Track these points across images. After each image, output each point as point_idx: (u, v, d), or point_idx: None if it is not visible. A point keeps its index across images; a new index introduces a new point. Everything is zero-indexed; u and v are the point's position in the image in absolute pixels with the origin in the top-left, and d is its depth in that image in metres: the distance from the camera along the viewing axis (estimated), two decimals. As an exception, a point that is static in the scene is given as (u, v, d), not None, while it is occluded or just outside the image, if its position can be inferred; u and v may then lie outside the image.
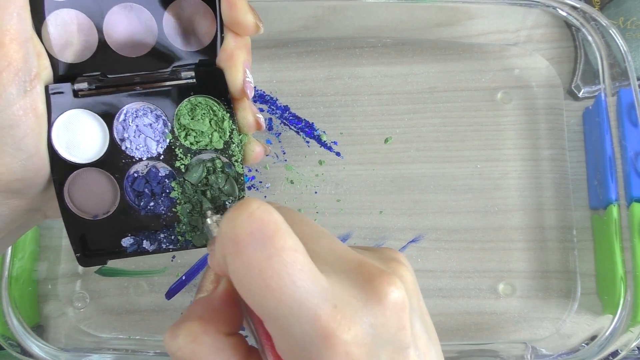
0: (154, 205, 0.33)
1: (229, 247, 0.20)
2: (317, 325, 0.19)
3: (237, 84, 0.31)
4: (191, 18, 0.31)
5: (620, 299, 0.41)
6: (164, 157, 0.32)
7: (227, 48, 0.31)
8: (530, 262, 0.46)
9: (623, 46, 0.44)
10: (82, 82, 0.30)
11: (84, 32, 0.30)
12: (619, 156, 0.43)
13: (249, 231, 0.20)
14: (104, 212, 0.33)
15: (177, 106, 0.31)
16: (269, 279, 0.19)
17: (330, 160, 0.48)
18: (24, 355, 0.40)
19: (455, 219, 0.47)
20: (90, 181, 0.32)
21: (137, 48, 0.31)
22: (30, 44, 0.27)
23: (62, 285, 0.45)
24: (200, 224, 0.33)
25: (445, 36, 0.50)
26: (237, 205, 0.20)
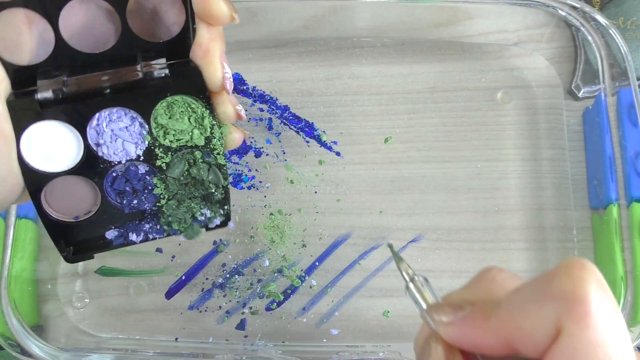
0: (138, 202, 0.32)
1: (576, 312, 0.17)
2: None
3: (217, 80, 0.29)
4: (156, 7, 0.28)
5: (621, 299, 0.41)
6: (144, 158, 0.31)
7: (201, 42, 0.28)
8: (530, 262, 0.46)
9: (623, 46, 0.44)
10: (46, 91, 0.27)
11: (38, 30, 0.27)
12: (619, 156, 0.43)
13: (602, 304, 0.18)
14: (85, 213, 0.32)
15: (152, 106, 0.29)
16: None
17: (330, 160, 0.48)
18: (23, 355, 0.40)
19: (455, 219, 0.47)
20: (68, 186, 0.30)
21: (100, 43, 0.28)
22: None
23: (62, 285, 0.45)
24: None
25: (445, 36, 0.50)
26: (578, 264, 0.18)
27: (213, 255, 0.46)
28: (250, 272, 0.46)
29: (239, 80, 0.49)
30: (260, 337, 0.45)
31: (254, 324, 0.45)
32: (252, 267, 0.46)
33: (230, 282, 0.45)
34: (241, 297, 0.45)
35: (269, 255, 0.46)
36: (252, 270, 0.46)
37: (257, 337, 0.45)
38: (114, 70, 0.28)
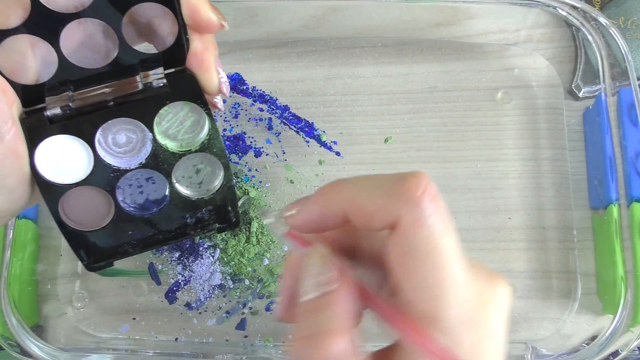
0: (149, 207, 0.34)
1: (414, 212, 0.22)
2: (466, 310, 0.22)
3: (213, 86, 0.31)
4: (150, 22, 0.30)
5: (621, 299, 0.41)
6: (151, 164, 0.32)
7: (195, 52, 0.30)
8: (530, 262, 0.46)
9: (623, 46, 0.44)
10: (54, 107, 0.29)
11: (41, 52, 0.29)
12: (619, 156, 0.43)
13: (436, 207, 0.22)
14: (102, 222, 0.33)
15: (154, 114, 0.31)
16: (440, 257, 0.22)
17: (330, 160, 0.48)
18: (23, 355, 0.40)
19: (455, 219, 0.47)
20: (83, 197, 0.32)
21: (100, 58, 0.30)
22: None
23: (62, 285, 0.45)
24: None
25: (445, 36, 0.50)
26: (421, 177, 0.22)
27: (213, 255, 0.46)
28: (250, 272, 0.46)
29: (239, 80, 0.49)
30: (260, 337, 0.45)
31: (254, 324, 0.45)
32: (252, 267, 0.46)
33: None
34: (241, 298, 0.45)
35: (269, 255, 0.46)
36: (252, 271, 0.46)
37: (257, 337, 0.45)
38: (115, 82, 0.30)
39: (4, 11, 0.26)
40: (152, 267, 0.45)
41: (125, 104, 0.30)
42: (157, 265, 0.46)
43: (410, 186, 0.22)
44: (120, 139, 0.31)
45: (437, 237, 0.21)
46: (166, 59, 0.30)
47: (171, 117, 0.32)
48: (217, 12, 0.29)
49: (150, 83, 0.30)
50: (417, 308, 0.22)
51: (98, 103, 0.30)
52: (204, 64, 0.30)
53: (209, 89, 0.31)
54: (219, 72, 0.31)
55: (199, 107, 0.31)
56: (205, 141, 0.33)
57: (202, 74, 0.30)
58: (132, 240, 0.35)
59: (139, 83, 0.30)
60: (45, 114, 0.29)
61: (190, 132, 0.33)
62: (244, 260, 0.45)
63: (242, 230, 0.45)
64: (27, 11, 0.27)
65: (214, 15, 0.29)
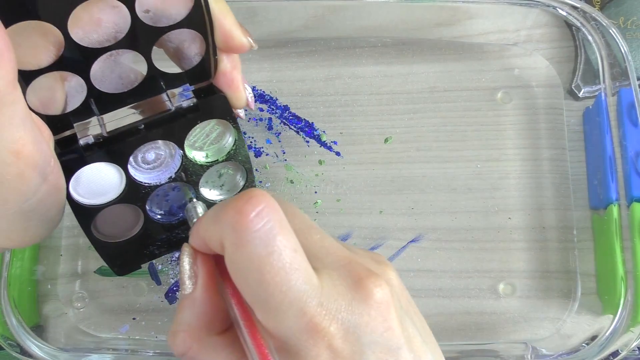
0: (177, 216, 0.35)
1: (231, 237, 0.21)
2: (302, 320, 0.21)
3: (242, 104, 0.31)
4: (179, 46, 0.30)
5: (621, 299, 0.41)
6: (180, 177, 0.33)
7: (225, 72, 0.30)
8: (530, 262, 0.46)
9: (623, 46, 0.44)
10: (88, 137, 0.28)
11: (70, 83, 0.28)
12: (619, 156, 0.43)
13: (255, 228, 0.21)
14: (131, 232, 0.34)
15: (185, 134, 0.31)
16: (266, 274, 0.21)
17: (330, 160, 0.48)
18: (23, 355, 0.40)
19: (455, 219, 0.47)
20: (113, 213, 0.32)
21: (128, 83, 0.30)
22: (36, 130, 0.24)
23: (62, 285, 0.45)
24: None
25: (445, 36, 0.50)
26: (244, 197, 0.22)
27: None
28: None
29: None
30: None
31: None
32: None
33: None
34: (241, 297, 0.45)
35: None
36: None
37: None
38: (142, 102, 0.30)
39: (36, 50, 0.25)
40: (152, 267, 0.45)
41: (156, 127, 0.30)
42: (157, 265, 0.46)
43: (228, 211, 0.22)
44: (149, 157, 0.32)
45: (259, 255, 0.21)
46: (191, 75, 0.30)
47: (198, 132, 0.33)
48: (247, 34, 0.30)
49: (181, 104, 0.30)
50: (260, 323, 0.22)
51: (130, 128, 0.29)
52: (234, 84, 0.30)
53: (238, 105, 0.31)
54: (246, 88, 0.31)
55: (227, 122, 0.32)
56: (232, 151, 0.34)
57: (232, 93, 0.31)
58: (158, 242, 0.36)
59: (167, 102, 0.30)
60: (79, 144, 0.28)
61: (216, 142, 0.34)
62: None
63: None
64: (59, 49, 0.26)
65: (246, 39, 0.29)
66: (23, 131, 0.22)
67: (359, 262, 0.24)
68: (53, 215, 0.28)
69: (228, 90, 0.31)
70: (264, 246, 0.21)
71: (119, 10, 0.26)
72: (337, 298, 0.22)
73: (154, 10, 0.27)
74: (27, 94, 0.26)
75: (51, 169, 0.25)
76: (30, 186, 0.24)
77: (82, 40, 0.26)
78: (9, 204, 0.24)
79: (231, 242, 0.22)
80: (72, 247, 0.46)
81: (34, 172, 0.24)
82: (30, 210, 0.25)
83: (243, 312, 0.23)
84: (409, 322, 0.24)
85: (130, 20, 0.26)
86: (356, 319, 0.22)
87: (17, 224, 0.25)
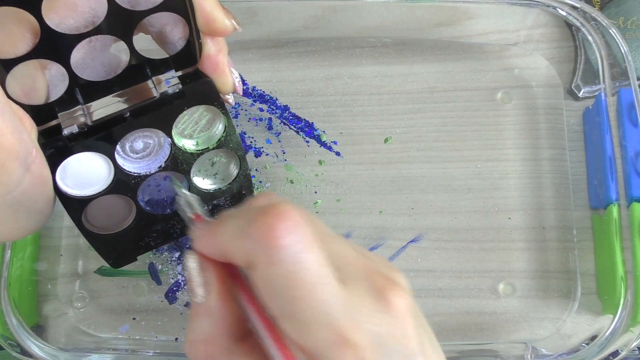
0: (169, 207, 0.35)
1: (264, 255, 0.22)
2: (331, 332, 0.21)
3: (229, 88, 0.31)
4: (161, 30, 0.29)
5: (621, 299, 0.41)
6: (170, 166, 0.32)
7: (209, 55, 0.30)
8: (530, 262, 0.46)
9: (623, 46, 0.44)
10: (72, 127, 0.28)
11: (50, 72, 0.28)
12: (619, 156, 0.43)
13: (286, 245, 0.21)
14: (124, 224, 0.34)
15: (172, 121, 0.30)
16: (296, 289, 0.21)
17: (330, 160, 0.48)
18: (23, 355, 0.40)
19: (455, 219, 0.47)
20: (105, 203, 0.32)
21: (111, 70, 0.29)
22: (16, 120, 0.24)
23: (62, 285, 0.45)
24: None
25: (445, 36, 0.50)
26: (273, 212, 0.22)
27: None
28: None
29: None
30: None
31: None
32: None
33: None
34: (241, 297, 0.45)
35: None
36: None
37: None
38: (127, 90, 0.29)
39: (12, 38, 0.25)
40: (152, 267, 0.45)
41: (142, 115, 0.29)
42: (157, 265, 0.46)
43: (258, 227, 0.22)
44: (137, 146, 0.31)
45: (290, 272, 0.21)
46: (176, 60, 0.30)
47: (187, 119, 0.32)
48: (230, 15, 0.29)
49: (166, 91, 0.29)
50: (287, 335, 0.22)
51: (115, 117, 0.29)
52: (219, 67, 0.30)
53: (225, 90, 0.31)
54: (233, 72, 0.31)
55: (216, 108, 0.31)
56: (222, 138, 0.33)
57: (218, 77, 0.30)
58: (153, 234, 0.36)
59: (153, 89, 0.29)
60: (63, 134, 0.28)
61: (206, 129, 0.33)
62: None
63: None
64: (36, 36, 0.25)
65: (228, 21, 0.29)
66: (1, 122, 0.22)
67: (378, 271, 0.24)
68: (41, 207, 0.28)
69: (214, 75, 0.30)
70: (294, 262, 0.21)
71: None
72: (362, 309, 0.22)
73: None
74: (7, 83, 0.25)
75: (33, 158, 0.25)
76: (12, 177, 0.24)
77: (58, 27, 0.25)
78: None
79: (264, 260, 0.22)
80: (72, 247, 0.46)
81: (15, 163, 0.24)
82: (15, 203, 0.25)
83: (264, 320, 0.23)
84: (422, 330, 0.25)
85: (107, 4, 0.25)
86: (380, 329, 0.22)
87: (4, 216, 0.25)
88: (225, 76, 0.30)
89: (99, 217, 0.33)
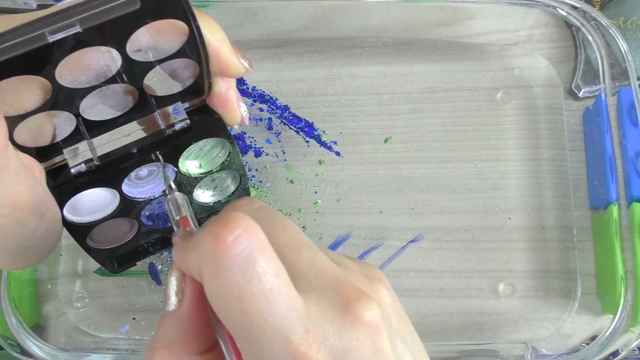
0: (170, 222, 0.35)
1: (209, 265, 0.20)
2: (288, 349, 0.20)
3: (237, 121, 0.31)
4: (173, 73, 0.29)
5: (621, 299, 0.41)
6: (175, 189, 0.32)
7: (220, 93, 0.29)
8: (530, 262, 0.46)
9: (623, 46, 0.44)
10: (79, 166, 0.28)
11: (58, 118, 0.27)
12: (619, 156, 0.43)
13: (233, 254, 0.20)
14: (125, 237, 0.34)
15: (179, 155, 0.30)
16: (246, 302, 0.20)
17: (330, 160, 0.48)
18: (23, 355, 0.40)
19: (455, 219, 0.47)
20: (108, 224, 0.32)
21: (120, 109, 0.29)
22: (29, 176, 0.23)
23: (62, 285, 0.45)
24: None
25: (445, 36, 0.50)
26: (220, 222, 0.20)
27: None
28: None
29: (239, 81, 0.49)
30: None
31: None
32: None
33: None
34: (241, 297, 0.45)
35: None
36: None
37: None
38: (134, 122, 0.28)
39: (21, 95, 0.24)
40: (152, 267, 0.45)
41: (149, 150, 0.29)
42: (157, 265, 0.46)
43: (204, 238, 0.20)
44: (142, 173, 0.31)
45: (239, 283, 0.20)
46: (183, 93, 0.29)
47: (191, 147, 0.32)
48: (242, 56, 0.28)
49: (174, 126, 0.29)
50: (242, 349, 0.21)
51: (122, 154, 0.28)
52: (229, 104, 0.29)
53: (233, 124, 0.31)
54: (241, 106, 0.30)
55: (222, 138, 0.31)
56: (226, 162, 0.34)
57: (227, 114, 0.30)
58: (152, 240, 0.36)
59: (159, 122, 0.29)
60: (71, 173, 0.27)
61: (210, 154, 0.33)
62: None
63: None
64: (46, 92, 0.24)
65: (241, 65, 0.28)
66: (17, 184, 0.22)
67: (349, 282, 0.22)
68: (53, 242, 0.28)
69: (223, 112, 0.30)
70: (243, 273, 0.20)
71: (109, 54, 0.24)
72: (325, 323, 0.21)
73: (147, 49, 0.26)
74: (14, 132, 0.25)
75: (47, 207, 0.25)
76: (29, 228, 0.24)
77: (70, 84, 0.25)
78: (9, 246, 0.24)
79: (209, 270, 0.20)
80: (72, 247, 0.46)
81: (31, 216, 0.24)
82: (31, 247, 0.26)
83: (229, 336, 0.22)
84: (399, 341, 0.23)
85: (121, 60, 0.25)
86: (345, 345, 0.21)
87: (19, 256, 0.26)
88: (234, 112, 0.30)
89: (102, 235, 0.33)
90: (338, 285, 0.22)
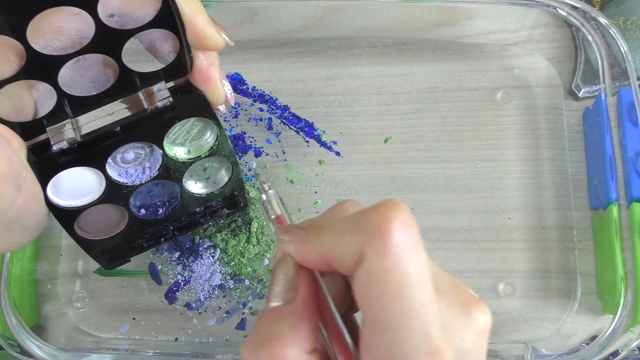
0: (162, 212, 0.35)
1: (377, 244, 0.20)
2: (426, 341, 0.20)
3: (221, 100, 0.30)
4: (151, 45, 0.29)
5: (621, 299, 0.41)
6: (162, 176, 0.32)
7: (201, 69, 0.29)
8: (530, 262, 0.46)
9: (623, 46, 0.44)
10: (61, 142, 0.27)
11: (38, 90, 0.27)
12: (619, 156, 0.43)
13: (398, 238, 0.20)
14: (117, 229, 0.34)
15: (164, 134, 0.30)
16: (404, 287, 0.20)
17: (330, 160, 0.48)
18: (23, 355, 0.40)
19: (455, 219, 0.47)
20: (97, 211, 0.32)
21: (100, 85, 0.29)
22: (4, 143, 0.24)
23: (62, 285, 0.45)
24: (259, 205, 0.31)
25: (445, 36, 0.50)
26: (388, 205, 0.21)
27: (213, 255, 0.46)
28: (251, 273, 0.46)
29: (239, 80, 0.49)
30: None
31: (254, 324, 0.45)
32: (253, 268, 0.46)
33: (230, 282, 0.45)
34: (241, 298, 0.45)
35: (270, 255, 0.46)
36: (252, 271, 0.46)
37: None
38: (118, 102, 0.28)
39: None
40: (153, 267, 0.45)
41: (133, 129, 0.29)
42: (157, 265, 0.46)
43: (373, 217, 0.21)
44: (128, 157, 0.31)
45: (401, 267, 0.20)
46: (166, 72, 0.29)
47: (178, 129, 0.32)
48: (222, 30, 0.28)
49: (156, 104, 0.29)
50: (376, 340, 0.21)
51: (105, 132, 0.28)
52: (211, 81, 0.29)
53: (217, 102, 0.30)
54: (225, 85, 0.30)
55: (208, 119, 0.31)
56: (214, 147, 0.33)
57: (210, 91, 0.30)
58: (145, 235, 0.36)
59: (143, 101, 0.29)
60: (53, 150, 0.27)
61: (197, 138, 0.33)
62: (244, 260, 0.45)
63: (242, 230, 0.45)
64: (22, 58, 0.25)
65: (220, 37, 0.28)
66: None
67: (462, 286, 0.24)
68: (35, 223, 0.28)
69: (205, 88, 0.29)
70: (407, 258, 0.20)
71: (81, 17, 0.25)
72: (452, 322, 0.22)
73: (119, 14, 0.26)
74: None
75: (23, 179, 0.25)
76: (4, 199, 0.24)
77: (44, 49, 0.25)
78: None
79: (377, 249, 0.20)
80: (72, 247, 0.46)
81: (5, 186, 0.24)
82: (9, 222, 0.25)
83: (338, 338, 0.22)
84: None
85: (94, 25, 0.25)
86: (463, 344, 0.22)
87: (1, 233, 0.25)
88: (217, 89, 0.30)
89: (91, 224, 0.33)
90: (455, 287, 0.23)
